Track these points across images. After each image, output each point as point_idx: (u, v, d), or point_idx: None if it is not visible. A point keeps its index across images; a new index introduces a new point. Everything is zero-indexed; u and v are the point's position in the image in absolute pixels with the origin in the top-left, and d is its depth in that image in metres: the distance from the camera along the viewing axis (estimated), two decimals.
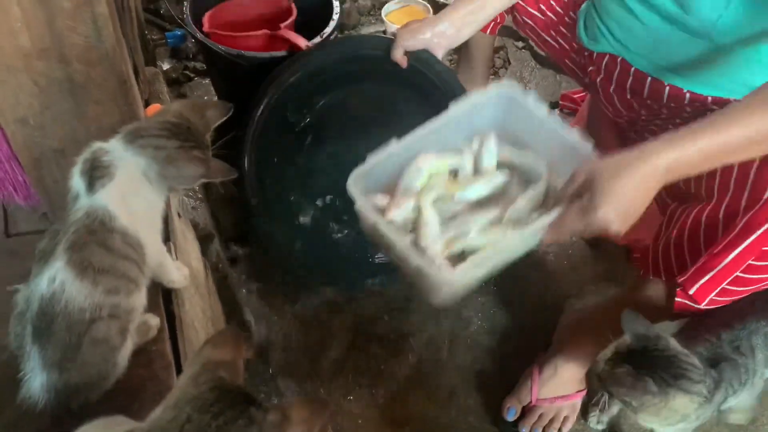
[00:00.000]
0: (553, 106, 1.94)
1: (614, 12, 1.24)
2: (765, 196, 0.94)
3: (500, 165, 1.11)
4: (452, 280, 0.95)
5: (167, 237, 1.01)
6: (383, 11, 2.17)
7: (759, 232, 0.94)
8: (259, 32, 1.66)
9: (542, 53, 1.99)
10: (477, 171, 1.11)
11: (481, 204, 1.07)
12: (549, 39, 1.49)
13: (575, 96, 1.90)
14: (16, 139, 0.90)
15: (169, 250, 1.00)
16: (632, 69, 1.26)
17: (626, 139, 1.44)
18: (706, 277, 1.00)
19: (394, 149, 1.05)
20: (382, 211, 1.03)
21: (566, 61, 1.50)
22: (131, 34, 1.12)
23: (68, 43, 0.82)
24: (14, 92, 0.85)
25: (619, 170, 0.87)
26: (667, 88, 1.21)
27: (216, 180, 0.91)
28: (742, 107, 0.90)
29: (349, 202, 1.01)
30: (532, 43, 1.89)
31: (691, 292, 1.02)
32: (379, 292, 1.49)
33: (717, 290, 1.01)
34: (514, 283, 1.55)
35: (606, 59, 1.31)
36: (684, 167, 0.89)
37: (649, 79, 1.23)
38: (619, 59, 1.28)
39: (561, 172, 1.01)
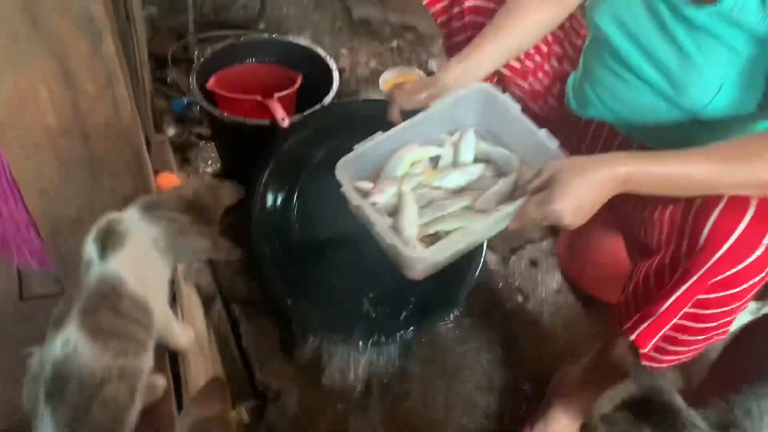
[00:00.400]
0: None
1: (604, 79, 1.29)
2: (700, 243, 0.98)
3: (477, 158, 1.22)
4: (424, 258, 1.05)
5: (174, 300, 1.05)
6: (381, 80, 2.27)
7: (691, 280, 0.99)
8: (251, 97, 1.76)
9: None
10: (456, 163, 1.21)
11: (457, 193, 1.17)
12: (537, 110, 1.56)
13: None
14: (36, 208, 0.96)
15: (175, 313, 1.05)
16: (619, 136, 1.32)
17: (625, 203, 1.49)
18: (645, 324, 1.06)
19: (380, 139, 1.16)
20: (368, 195, 1.13)
21: (556, 130, 1.57)
22: (143, 107, 1.20)
23: (90, 122, 0.89)
24: (38, 167, 0.91)
25: (581, 170, 0.96)
26: None
27: (220, 257, 0.96)
28: (714, 151, 0.97)
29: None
30: None
31: (632, 338, 1.07)
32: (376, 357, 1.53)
33: (658, 336, 1.06)
34: (510, 342, 1.59)
35: (594, 125, 1.38)
36: (641, 183, 0.98)
37: (635, 146, 1.29)
38: (606, 125, 1.35)
39: (531, 165, 1.11)
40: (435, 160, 1.23)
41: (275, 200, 1.50)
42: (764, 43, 1.03)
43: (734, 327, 1.59)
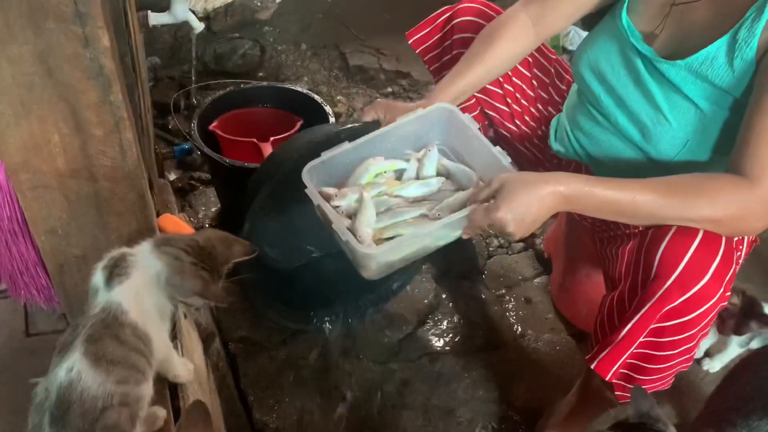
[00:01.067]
0: None
1: (583, 124, 1.37)
2: (652, 273, 1.03)
3: (439, 173, 1.29)
4: (374, 256, 1.12)
5: (174, 335, 1.09)
6: None
7: (644, 309, 1.04)
8: (249, 140, 1.82)
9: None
10: (419, 176, 1.28)
11: (416, 202, 1.24)
12: (523, 149, 1.62)
13: None
14: (44, 247, 1.01)
15: (175, 347, 1.08)
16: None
17: (599, 241, 1.54)
18: (604, 353, 1.10)
19: (346, 148, 1.24)
20: (332, 199, 1.20)
21: (539, 168, 1.63)
22: (147, 151, 1.26)
23: (97, 164, 0.94)
24: (47, 207, 0.96)
25: (527, 184, 1.02)
26: None
27: (210, 303, 1.00)
28: (660, 184, 1.04)
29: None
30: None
31: (592, 366, 1.11)
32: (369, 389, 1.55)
33: (618, 364, 1.09)
34: (505, 377, 1.61)
35: (572, 167, 1.44)
36: (585, 204, 1.04)
37: None
38: (583, 167, 1.41)
39: (487, 179, 1.17)
40: (399, 173, 1.30)
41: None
42: (725, 97, 1.10)
43: (728, 361, 1.64)
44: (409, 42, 1.60)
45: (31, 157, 0.91)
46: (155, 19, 1.83)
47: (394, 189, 1.24)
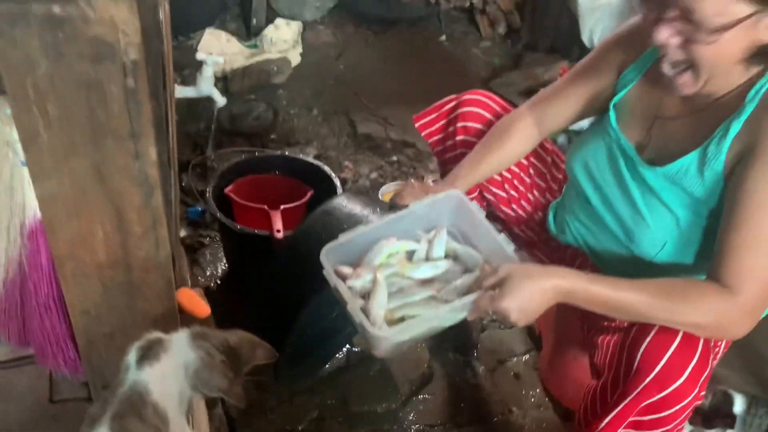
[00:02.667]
0: None
1: (577, 213, 1.46)
2: (634, 368, 1.12)
3: (447, 254, 1.38)
4: (386, 337, 1.18)
5: (188, 409, 1.17)
6: (380, 192, 2.45)
7: (625, 402, 1.13)
8: (259, 206, 1.92)
9: None
10: (428, 257, 1.37)
11: (426, 283, 1.32)
12: (520, 233, 1.72)
13: None
14: (77, 325, 1.10)
15: (187, 421, 1.16)
16: (589, 264, 1.47)
17: (587, 328, 1.63)
18: None
19: (362, 230, 1.32)
20: (347, 278, 1.27)
21: (535, 251, 1.73)
22: (175, 238, 1.36)
23: (133, 257, 1.05)
24: (85, 291, 1.06)
25: (530, 276, 1.11)
26: None
27: (229, 400, 1.08)
28: (651, 285, 1.12)
29: None
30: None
31: None
32: None
33: None
34: None
35: (570, 250, 1.54)
36: (581, 299, 1.12)
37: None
38: (580, 253, 1.51)
39: (493, 265, 1.26)
40: (410, 254, 1.39)
41: None
42: (701, 206, 1.20)
43: None
44: (416, 125, 1.71)
45: (77, 249, 1.01)
46: (181, 92, 1.96)
47: (405, 270, 1.32)
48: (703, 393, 1.18)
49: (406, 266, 1.35)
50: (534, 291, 1.11)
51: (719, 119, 1.16)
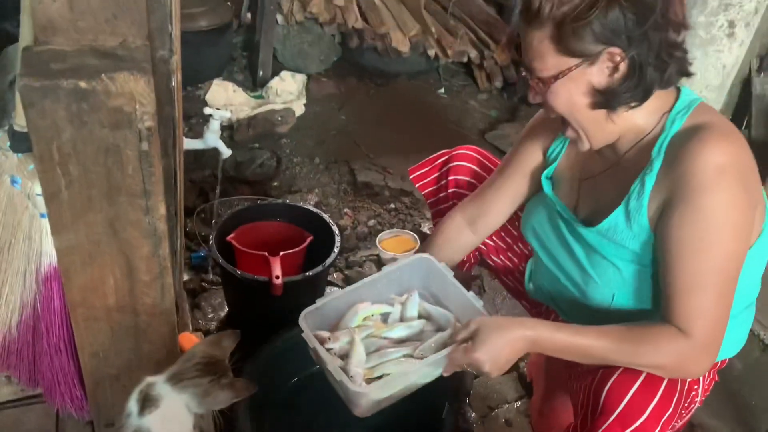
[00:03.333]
0: None
1: (540, 271, 1.53)
2: (599, 407, 1.18)
3: (420, 315, 1.45)
4: (365, 394, 1.24)
5: None
6: (378, 239, 2.52)
7: None
8: (260, 253, 2.00)
9: None
10: (402, 318, 1.45)
11: (401, 343, 1.39)
12: (507, 281, 1.79)
13: None
14: (86, 367, 1.18)
15: None
16: (560, 319, 1.52)
17: (572, 375, 1.69)
18: None
19: (337, 295, 1.41)
20: (325, 341, 1.32)
21: (522, 301, 1.79)
22: (178, 284, 1.44)
23: (140, 302, 1.13)
24: (94, 335, 1.14)
25: (499, 328, 1.19)
26: None
27: (243, 397, 1.14)
28: (613, 331, 1.20)
29: None
30: None
31: None
32: None
33: None
34: None
35: (542, 306, 1.61)
36: (547, 347, 1.21)
37: None
38: (551, 309, 1.56)
39: (463, 320, 1.33)
40: (385, 316, 1.47)
41: None
42: (641, 257, 1.26)
43: None
44: (411, 177, 1.80)
45: (89, 295, 1.09)
46: (188, 144, 2.06)
47: (381, 331, 1.40)
48: None
49: (382, 328, 1.42)
50: (504, 342, 1.18)
51: (633, 173, 1.24)
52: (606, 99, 1.14)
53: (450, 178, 1.71)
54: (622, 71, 1.11)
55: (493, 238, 1.72)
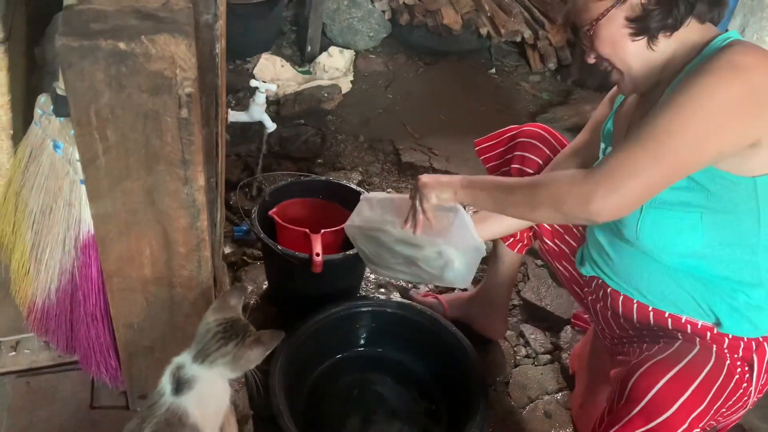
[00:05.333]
0: (566, 323, 2.15)
1: (593, 239, 1.48)
2: (624, 398, 1.13)
3: None
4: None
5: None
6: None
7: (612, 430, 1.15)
8: (301, 230, 1.97)
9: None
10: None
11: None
12: (560, 267, 1.73)
13: (585, 316, 2.12)
14: (120, 337, 1.17)
15: None
16: (609, 289, 1.47)
17: (615, 363, 1.62)
18: None
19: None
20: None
21: (573, 286, 1.73)
22: (217, 257, 1.42)
23: (177, 275, 1.10)
24: (129, 306, 1.12)
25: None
26: (635, 305, 1.41)
27: (274, 346, 1.11)
28: (534, 183, 1.28)
29: None
30: None
31: None
32: None
33: None
34: None
35: (593, 282, 1.54)
36: (474, 195, 1.32)
37: (621, 297, 1.44)
38: (600, 281, 1.50)
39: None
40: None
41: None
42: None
43: None
44: (476, 148, 1.78)
45: (125, 265, 1.07)
46: (234, 116, 2.04)
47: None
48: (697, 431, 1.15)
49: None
50: (439, 177, 1.37)
51: None
52: (643, 25, 1.20)
53: (516, 153, 1.68)
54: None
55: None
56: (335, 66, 3.25)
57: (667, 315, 1.37)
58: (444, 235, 1.39)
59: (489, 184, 1.34)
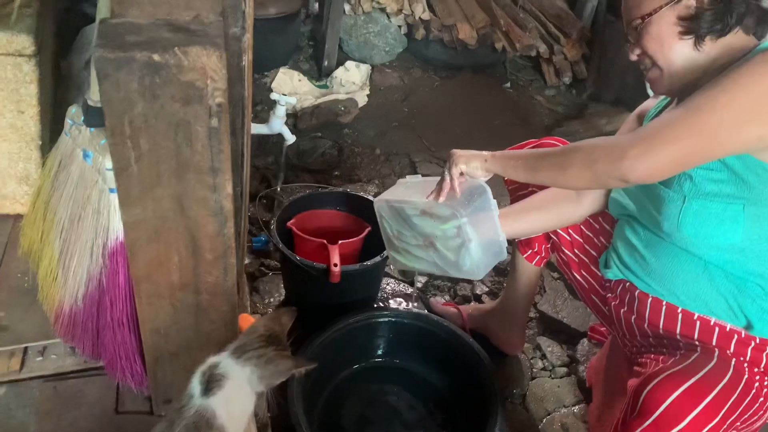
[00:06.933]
0: (583, 335, 2.15)
1: (625, 241, 1.48)
2: (637, 409, 1.14)
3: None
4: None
5: None
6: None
7: None
8: (319, 240, 1.99)
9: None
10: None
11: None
12: (579, 278, 1.73)
13: (602, 329, 2.12)
14: (147, 342, 1.19)
15: None
16: (637, 291, 1.46)
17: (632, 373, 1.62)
18: None
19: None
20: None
21: (592, 296, 1.72)
22: (240, 266, 1.44)
23: (203, 281, 1.13)
24: (156, 311, 1.15)
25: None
26: (664, 306, 1.40)
27: (301, 370, 1.13)
28: (568, 147, 1.30)
29: None
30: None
31: None
32: None
33: None
34: None
35: (619, 286, 1.54)
36: (504, 162, 1.35)
37: (650, 299, 1.43)
38: (627, 283, 1.49)
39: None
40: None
41: None
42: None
43: None
44: None
45: (154, 271, 1.10)
46: (254, 129, 2.07)
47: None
48: None
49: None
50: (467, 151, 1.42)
51: None
52: (694, 25, 1.23)
53: None
54: (707, 0, 1.22)
55: (570, 231, 1.67)
56: (352, 80, 3.29)
57: (696, 317, 1.36)
58: (465, 207, 1.40)
59: (520, 153, 1.36)
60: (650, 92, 1.47)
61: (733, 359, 1.27)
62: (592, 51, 3.48)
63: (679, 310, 1.38)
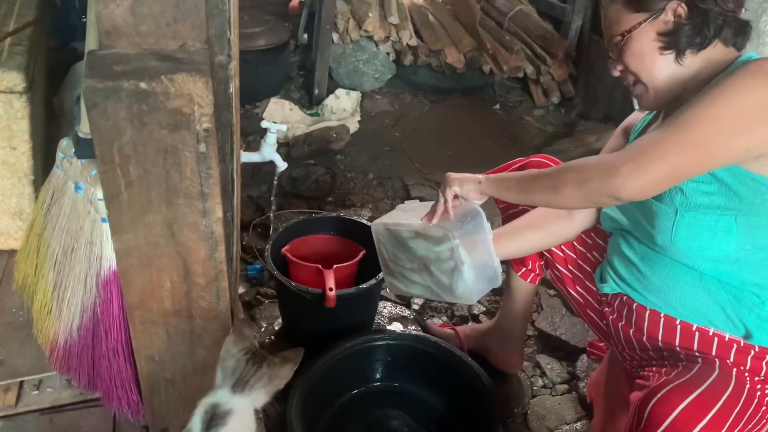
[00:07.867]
0: (582, 352, 2.14)
1: (621, 256, 1.48)
2: (642, 425, 1.14)
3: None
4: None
5: None
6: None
7: None
8: (314, 266, 1.99)
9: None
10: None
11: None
12: (574, 294, 1.73)
13: (601, 344, 2.11)
14: (142, 370, 1.19)
15: None
16: (635, 305, 1.46)
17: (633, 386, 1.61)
18: None
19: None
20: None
21: (588, 311, 1.72)
22: (234, 293, 1.45)
23: (196, 306, 1.13)
24: (151, 338, 1.15)
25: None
26: (663, 318, 1.40)
27: (298, 362, 1.13)
28: (560, 167, 1.31)
29: None
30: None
31: None
32: None
33: None
34: None
35: (616, 300, 1.53)
36: (498, 185, 1.38)
37: (648, 312, 1.43)
38: (624, 297, 1.49)
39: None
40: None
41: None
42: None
43: None
44: None
45: (147, 298, 1.10)
46: (246, 157, 2.09)
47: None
48: None
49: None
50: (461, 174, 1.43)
51: None
52: (673, 39, 1.25)
53: None
54: (684, 15, 1.24)
55: (562, 247, 1.68)
56: (342, 107, 3.33)
57: (695, 328, 1.36)
58: (458, 229, 1.40)
59: (513, 175, 1.38)
60: (637, 107, 1.49)
61: (734, 369, 1.27)
62: (578, 70, 3.53)
63: (677, 322, 1.38)
